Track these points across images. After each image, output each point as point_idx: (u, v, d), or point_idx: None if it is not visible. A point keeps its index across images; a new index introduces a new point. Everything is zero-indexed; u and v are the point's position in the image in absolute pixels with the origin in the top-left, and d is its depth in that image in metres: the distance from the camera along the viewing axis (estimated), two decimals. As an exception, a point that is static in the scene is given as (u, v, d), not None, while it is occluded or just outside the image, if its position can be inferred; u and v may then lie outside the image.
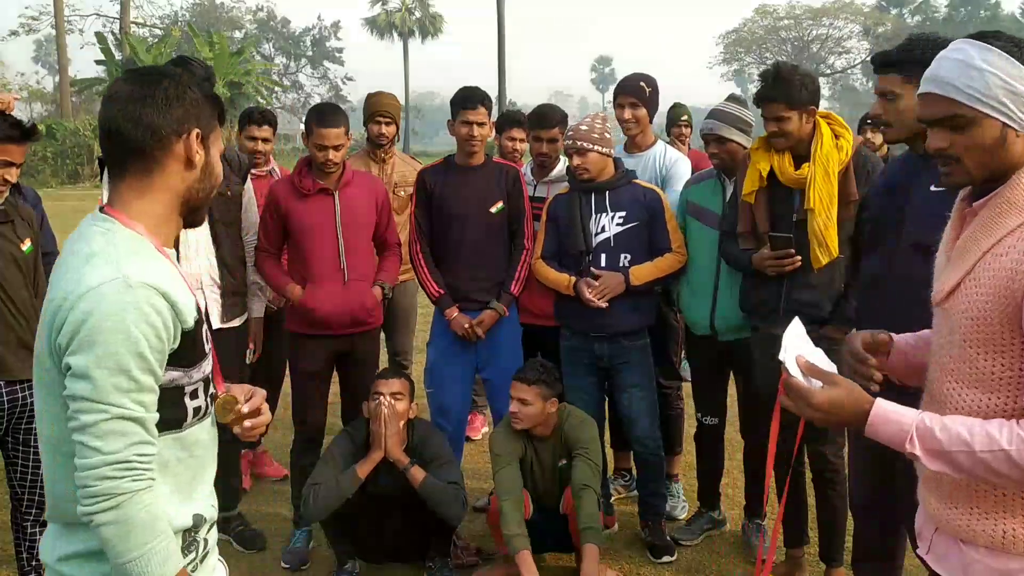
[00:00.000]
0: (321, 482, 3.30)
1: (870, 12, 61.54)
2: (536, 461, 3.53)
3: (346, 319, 3.65)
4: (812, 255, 3.15)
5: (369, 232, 3.76)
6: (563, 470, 3.51)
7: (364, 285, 3.69)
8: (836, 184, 3.13)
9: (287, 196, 3.63)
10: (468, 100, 3.74)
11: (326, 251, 3.61)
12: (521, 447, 3.49)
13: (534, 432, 3.47)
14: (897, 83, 2.55)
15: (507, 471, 3.39)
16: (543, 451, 3.52)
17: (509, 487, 3.36)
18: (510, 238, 3.84)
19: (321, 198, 3.62)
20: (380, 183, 3.88)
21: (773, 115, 3.19)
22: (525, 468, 3.50)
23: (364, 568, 3.63)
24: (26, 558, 3.10)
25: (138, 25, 43.76)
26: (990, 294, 1.55)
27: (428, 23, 60.49)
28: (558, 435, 3.50)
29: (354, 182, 3.69)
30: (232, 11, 59.86)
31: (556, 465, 3.53)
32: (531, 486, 3.51)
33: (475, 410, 5.22)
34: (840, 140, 3.19)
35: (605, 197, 3.65)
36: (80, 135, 30.46)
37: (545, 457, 3.52)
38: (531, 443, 3.51)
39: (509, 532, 3.28)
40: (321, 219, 3.60)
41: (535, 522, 3.41)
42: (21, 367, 2.91)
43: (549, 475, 3.55)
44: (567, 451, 3.49)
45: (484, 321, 3.76)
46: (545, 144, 4.02)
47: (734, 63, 64.26)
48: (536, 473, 3.54)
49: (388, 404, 3.35)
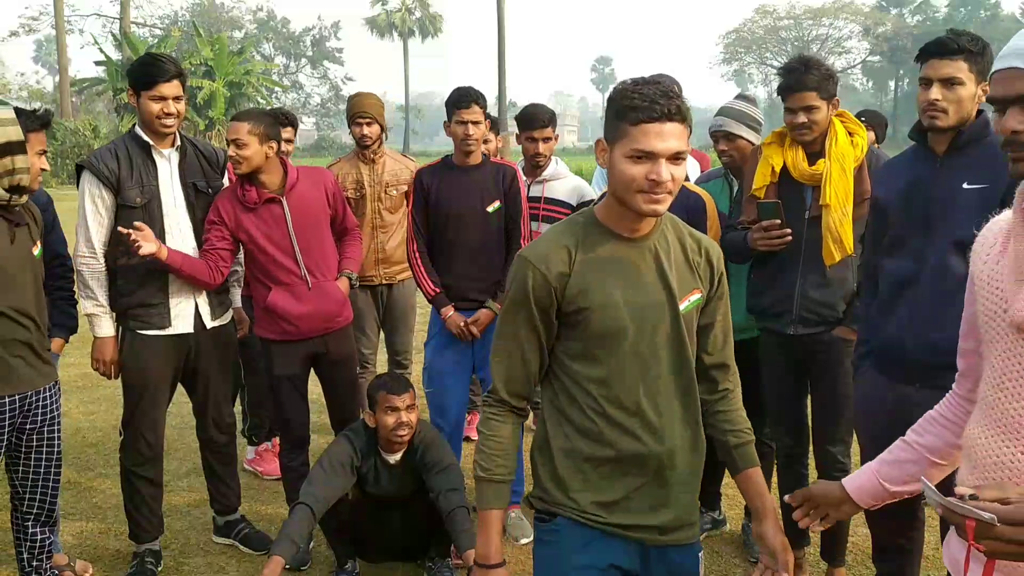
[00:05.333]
0: (305, 501, 3.22)
1: (870, 12, 61.56)
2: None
3: (315, 322, 3.60)
4: (826, 251, 3.12)
5: (326, 228, 3.67)
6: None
7: (329, 285, 3.63)
8: (852, 181, 3.11)
9: (233, 209, 3.50)
10: (462, 100, 3.74)
11: (284, 261, 3.53)
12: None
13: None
14: (964, 69, 2.56)
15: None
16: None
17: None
18: (507, 238, 3.85)
19: (269, 208, 3.51)
20: (326, 173, 3.79)
21: (803, 104, 3.08)
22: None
23: (364, 568, 3.63)
24: (26, 558, 3.10)
25: (138, 25, 43.78)
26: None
27: (428, 23, 60.51)
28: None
29: (299, 182, 3.59)
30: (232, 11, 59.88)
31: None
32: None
33: (475, 410, 5.22)
34: (855, 137, 3.17)
35: None
36: (80, 135, 30.50)
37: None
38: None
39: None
40: (273, 230, 3.51)
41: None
42: (34, 376, 2.91)
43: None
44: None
45: (479, 320, 3.76)
46: (540, 143, 4.03)
47: (734, 63, 64.32)
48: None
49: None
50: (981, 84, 2.59)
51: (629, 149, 1.78)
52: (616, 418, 1.92)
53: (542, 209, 4.05)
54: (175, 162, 3.49)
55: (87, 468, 4.82)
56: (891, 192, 2.77)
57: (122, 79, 30.15)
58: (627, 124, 1.78)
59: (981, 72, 2.58)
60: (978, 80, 2.58)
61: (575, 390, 1.95)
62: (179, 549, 3.85)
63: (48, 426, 3.00)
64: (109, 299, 3.44)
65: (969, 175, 2.56)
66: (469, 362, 3.89)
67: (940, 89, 2.57)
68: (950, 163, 2.62)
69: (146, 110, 3.37)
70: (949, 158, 2.62)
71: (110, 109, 38.12)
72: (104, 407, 5.93)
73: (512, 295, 1.94)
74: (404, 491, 3.42)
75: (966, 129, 2.60)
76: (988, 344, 1.54)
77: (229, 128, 3.48)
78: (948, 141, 2.62)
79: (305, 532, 3.20)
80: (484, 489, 1.99)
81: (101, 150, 3.47)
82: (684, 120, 1.79)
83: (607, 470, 1.95)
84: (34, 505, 3.06)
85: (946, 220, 2.55)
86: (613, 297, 1.89)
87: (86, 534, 4.00)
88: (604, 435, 1.92)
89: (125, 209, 3.36)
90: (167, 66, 3.37)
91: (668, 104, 1.76)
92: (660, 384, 1.93)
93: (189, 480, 4.61)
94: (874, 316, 2.81)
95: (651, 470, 1.94)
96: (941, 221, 2.57)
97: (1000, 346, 1.50)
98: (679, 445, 1.96)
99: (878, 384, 2.73)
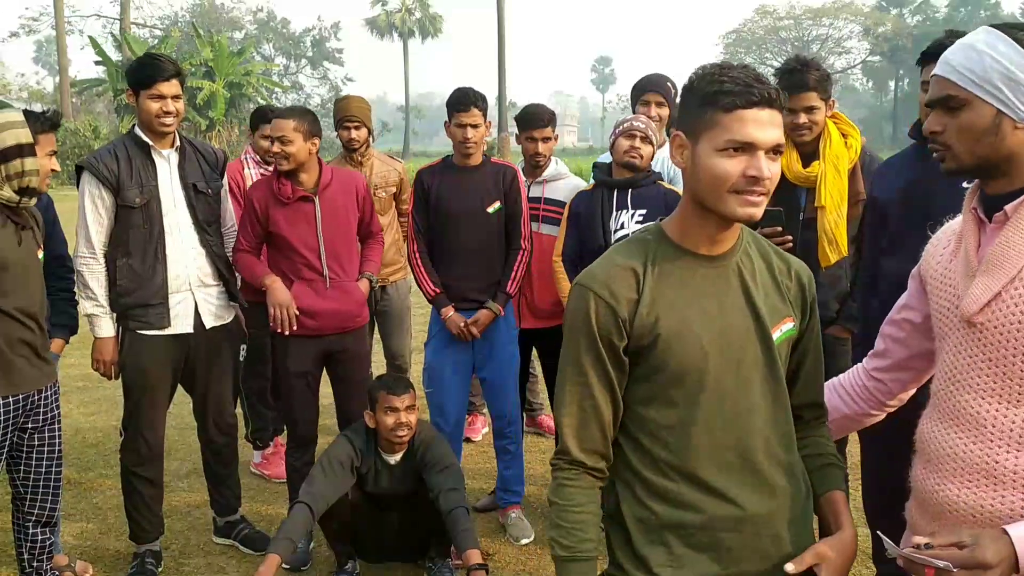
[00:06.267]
0: (304, 501, 3.22)
1: (870, 12, 61.59)
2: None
3: (334, 320, 3.63)
4: (821, 253, 3.12)
5: (352, 231, 3.74)
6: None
7: (350, 285, 3.67)
8: (846, 182, 3.12)
9: (266, 201, 3.58)
10: (461, 102, 3.75)
11: (309, 257, 3.59)
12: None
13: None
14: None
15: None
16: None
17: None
18: (507, 238, 3.85)
19: (301, 205, 3.57)
20: (359, 177, 3.85)
21: (805, 105, 3.09)
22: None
23: (364, 568, 3.63)
24: (27, 559, 3.10)
25: (138, 26, 43.82)
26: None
27: (428, 23, 60.53)
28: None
29: (332, 182, 3.65)
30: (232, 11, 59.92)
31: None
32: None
33: (474, 411, 5.22)
34: (848, 139, 3.17)
35: (627, 195, 3.66)
36: (80, 135, 30.50)
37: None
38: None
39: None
40: (302, 227, 3.57)
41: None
42: (37, 376, 2.93)
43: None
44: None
45: (479, 320, 3.77)
46: (540, 143, 4.03)
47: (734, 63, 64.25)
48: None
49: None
50: None
51: (723, 140, 1.51)
52: (696, 475, 1.60)
53: (542, 209, 4.05)
54: (175, 162, 3.49)
55: (87, 468, 4.82)
56: (890, 191, 2.77)
57: (122, 80, 30.16)
58: (718, 111, 1.51)
59: None
60: None
61: (647, 442, 1.64)
62: (179, 549, 3.85)
63: (49, 426, 3.01)
64: (109, 299, 3.44)
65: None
66: (469, 362, 3.89)
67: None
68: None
69: (145, 109, 3.38)
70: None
71: (110, 110, 38.14)
72: (104, 407, 5.93)
73: (572, 332, 1.64)
74: (404, 491, 3.42)
75: None
76: (940, 339, 1.62)
77: (273, 126, 3.54)
78: None
79: (303, 531, 3.20)
80: (567, 571, 1.64)
81: (101, 150, 3.47)
82: (782, 108, 1.55)
83: (694, 541, 1.61)
84: (35, 506, 3.06)
85: (945, 219, 2.55)
86: (691, 326, 1.59)
87: (86, 534, 4.00)
88: (685, 496, 1.60)
89: (125, 209, 3.37)
90: (166, 65, 3.39)
91: (765, 88, 1.51)
92: (753, 430, 1.61)
93: (189, 480, 4.61)
94: (874, 315, 2.81)
95: (746, 536, 1.60)
96: (940, 220, 2.57)
97: (951, 341, 1.58)
98: (779, 505, 1.63)
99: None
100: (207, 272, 3.55)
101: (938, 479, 1.57)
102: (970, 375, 1.53)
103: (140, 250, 3.39)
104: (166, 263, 3.42)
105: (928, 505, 1.60)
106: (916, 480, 1.65)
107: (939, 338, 1.63)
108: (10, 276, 2.80)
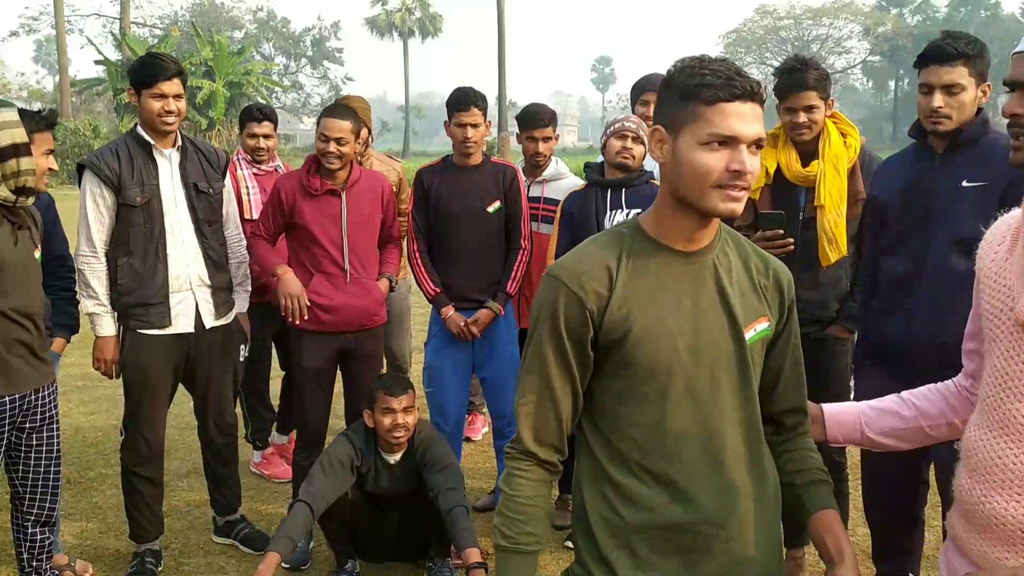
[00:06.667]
0: (304, 500, 3.22)
1: (870, 12, 61.60)
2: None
3: (352, 315, 3.65)
4: (821, 252, 3.12)
5: (375, 230, 3.77)
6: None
7: (370, 282, 3.70)
8: (846, 181, 3.12)
9: (294, 193, 3.63)
10: (461, 102, 3.75)
11: (331, 251, 3.62)
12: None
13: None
14: (964, 75, 2.58)
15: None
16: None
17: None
18: (507, 238, 3.85)
19: (328, 199, 3.62)
20: (385, 179, 3.88)
21: (805, 104, 3.08)
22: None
23: (364, 568, 3.63)
24: (26, 558, 3.10)
25: (138, 25, 43.82)
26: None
27: (428, 23, 60.54)
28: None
29: (361, 181, 3.70)
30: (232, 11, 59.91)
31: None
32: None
33: (474, 411, 5.22)
34: (847, 139, 3.18)
35: (621, 194, 3.66)
36: (80, 135, 30.51)
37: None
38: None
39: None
40: (327, 220, 3.61)
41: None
42: (35, 376, 2.93)
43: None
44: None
45: (479, 320, 3.77)
46: (540, 143, 4.03)
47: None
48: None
49: None
50: (981, 86, 2.60)
51: (706, 134, 1.48)
52: (664, 475, 1.58)
53: (542, 209, 4.06)
54: (176, 162, 3.49)
55: (87, 468, 4.82)
56: (890, 190, 2.78)
57: (122, 79, 30.20)
58: (700, 104, 1.48)
59: (980, 75, 2.59)
60: (978, 82, 2.60)
61: (617, 440, 1.61)
62: (179, 549, 3.85)
63: (47, 425, 3.01)
64: (110, 298, 3.44)
65: (968, 173, 2.57)
66: (469, 362, 3.89)
67: (942, 96, 2.59)
68: (949, 161, 2.62)
69: (147, 108, 3.38)
70: (948, 156, 2.63)
71: (110, 109, 38.14)
72: (104, 406, 5.93)
73: (538, 322, 1.61)
74: (404, 491, 3.43)
75: (965, 128, 2.61)
76: (991, 342, 1.51)
77: (330, 127, 3.55)
78: (947, 140, 2.63)
79: (303, 530, 3.20)
80: (506, 561, 1.63)
81: (102, 149, 3.47)
82: (763, 102, 1.52)
83: (660, 544, 1.59)
84: (34, 505, 3.06)
85: (945, 218, 2.56)
86: (664, 322, 1.57)
87: (86, 534, 4.00)
88: (653, 499, 1.58)
89: (126, 208, 3.37)
90: (168, 64, 3.39)
91: (747, 81, 1.49)
92: (722, 431, 1.59)
93: (189, 480, 4.61)
94: (874, 314, 2.81)
95: (713, 540, 1.58)
96: (940, 219, 2.58)
97: (1004, 344, 1.47)
98: (746, 509, 1.60)
99: (879, 382, 2.73)
100: (208, 272, 3.55)
101: (984, 490, 1.47)
102: (1023, 382, 1.42)
103: (141, 249, 3.40)
104: (167, 262, 3.42)
105: (973, 517, 1.50)
106: (960, 490, 1.54)
107: (989, 341, 1.52)
108: (7, 276, 2.79)
